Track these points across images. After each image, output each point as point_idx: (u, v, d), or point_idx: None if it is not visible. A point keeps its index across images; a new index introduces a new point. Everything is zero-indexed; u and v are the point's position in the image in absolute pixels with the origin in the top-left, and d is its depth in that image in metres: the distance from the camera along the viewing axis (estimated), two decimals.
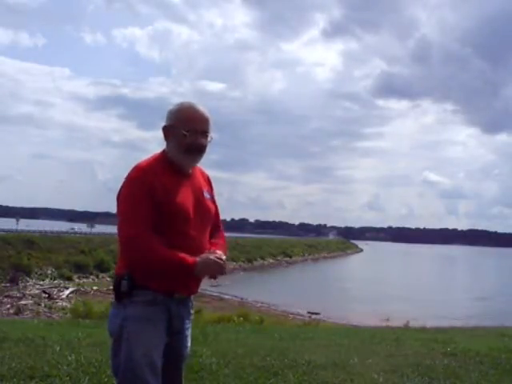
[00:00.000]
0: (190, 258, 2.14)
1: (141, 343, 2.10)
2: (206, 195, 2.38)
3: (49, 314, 17.84)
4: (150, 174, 2.18)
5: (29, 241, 31.21)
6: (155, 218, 2.16)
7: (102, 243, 36.35)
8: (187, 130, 2.24)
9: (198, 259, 2.16)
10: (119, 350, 2.13)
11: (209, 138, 2.32)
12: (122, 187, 2.22)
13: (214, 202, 2.47)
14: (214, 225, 2.48)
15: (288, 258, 58.63)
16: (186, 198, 2.25)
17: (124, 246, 2.17)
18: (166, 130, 2.31)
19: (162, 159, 2.29)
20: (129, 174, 2.21)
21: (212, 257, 2.20)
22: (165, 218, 2.18)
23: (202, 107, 2.31)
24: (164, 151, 2.32)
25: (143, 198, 2.14)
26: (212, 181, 2.54)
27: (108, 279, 28.77)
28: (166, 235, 2.17)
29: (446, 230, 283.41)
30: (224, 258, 2.25)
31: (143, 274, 2.15)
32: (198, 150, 2.28)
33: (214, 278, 2.26)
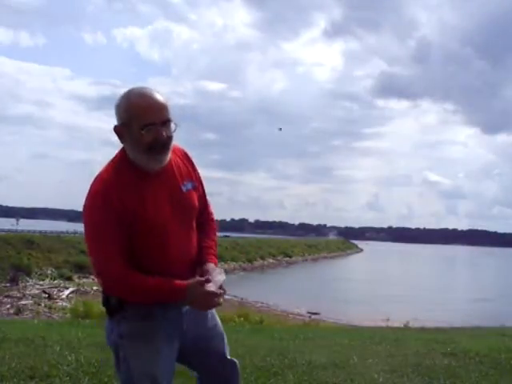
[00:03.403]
0: (178, 284, 1.89)
1: (140, 363, 1.92)
2: (185, 187, 2.03)
3: (49, 314, 17.81)
4: (114, 190, 1.87)
5: (29, 241, 31.17)
6: (127, 243, 1.90)
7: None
8: (143, 127, 1.83)
9: (188, 286, 1.89)
10: (119, 367, 2.00)
11: (172, 126, 1.90)
12: (85, 202, 1.92)
13: (196, 188, 2.10)
14: (202, 212, 2.16)
15: (288, 258, 58.55)
16: (159, 204, 1.94)
17: (107, 289, 1.96)
18: (117, 130, 1.91)
19: (122, 163, 1.93)
20: (90, 188, 1.91)
21: (204, 289, 1.89)
22: (139, 235, 1.92)
23: (154, 92, 1.88)
24: (123, 150, 1.95)
25: (111, 226, 1.85)
26: (192, 159, 2.13)
27: None
28: (144, 253, 1.94)
29: (446, 229, 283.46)
30: (221, 281, 1.96)
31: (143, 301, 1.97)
32: (163, 146, 1.89)
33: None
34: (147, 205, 1.91)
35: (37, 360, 4.31)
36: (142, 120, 1.83)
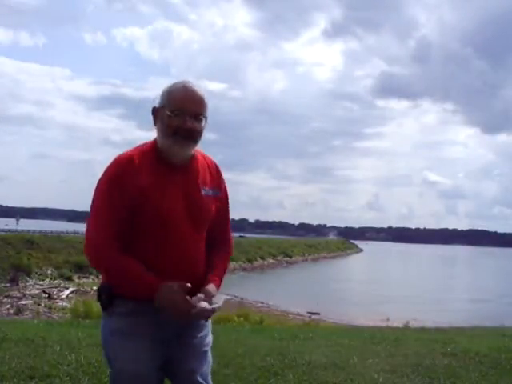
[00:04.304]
0: (154, 280, 1.83)
1: (126, 362, 1.88)
2: (206, 192, 2.00)
3: (49, 314, 17.80)
4: (128, 169, 1.88)
5: (29, 241, 31.17)
6: (126, 227, 1.87)
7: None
8: (173, 111, 1.90)
9: (163, 285, 1.81)
10: (109, 365, 1.98)
11: (203, 123, 1.94)
12: (99, 178, 1.95)
13: (218, 199, 2.06)
14: (220, 231, 2.10)
15: (288, 258, 58.53)
16: (170, 197, 1.91)
17: (89, 259, 1.94)
18: (154, 112, 1.98)
19: (150, 148, 1.97)
20: (107, 166, 1.94)
21: (180, 294, 1.79)
22: (141, 222, 1.89)
23: (197, 87, 1.96)
24: (155, 140, 2.00)
25: (113, 199, 1.86)
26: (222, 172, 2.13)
27: None
28: (141, 243, 1.90)
29: (446, 230, 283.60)
30: (216, 305, 1.85)
31: (117, 283, 1.91)
32: (188, 136, 1.91)
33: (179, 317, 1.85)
34: (158, 191, 1.89)
35: (37, 360, 4.31)
36: (175, 104, 1.91)
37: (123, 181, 1.86)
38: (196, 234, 1.98)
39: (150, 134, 2.02)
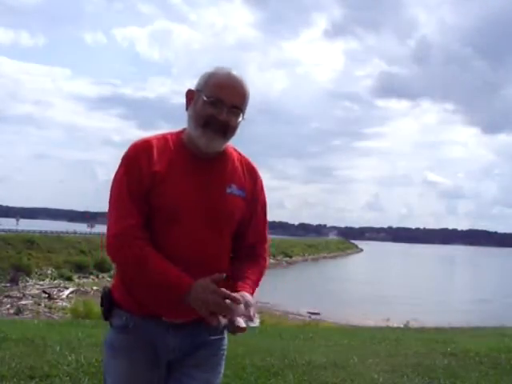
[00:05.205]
0: (186, 278, 1.57)
1: (116, 379, 1.71)
2: (231, 191, 1.74)
3: (49, 314, 17.83)
4: (143, 154, 1.67)
5: (29, 241, 31.19)
6: (147, 209, 1.66)
7: (102, 243, 36.35)
8: (210, 97, 1.67)
9: (195, 285, 1.55)
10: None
11: (239, 118, 1.71)
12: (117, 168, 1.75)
13: (246, 200, 1.77)
14: (251, 239, 1.84)
15: (288, 258, 58.56)
16: (185, 191, 1.68)
17: (108, 246, 1.67)
18: (188, 93, 1.74)
19: (176, 136, 1.76)
20: (125, 152, 1.73)
21: (217, 288, 1.53)
22: (150, 213, 1.66)
23: (242, 79, 1.72)
24: (184, 129, 1.78)
25: (131, 185, 1.65)
26: (259, 176, 1.86)
27: (108, 279, 28.75)
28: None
29: (446, 230, 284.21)
30: (251, 325, 1.54)
31: (126, 287, 1.69)
32: (220, 129, 1.67)
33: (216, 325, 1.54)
34: (171, 182, 1.67)
35: (37, 360, 4.31)
36: (212, 91, 1.68)
37: (139, 165, 1.66)
38: (216, 236, 1.71)
39: (149, 134, 1.90)
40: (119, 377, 1.70)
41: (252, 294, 1.66)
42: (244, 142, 1.78)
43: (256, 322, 1.56)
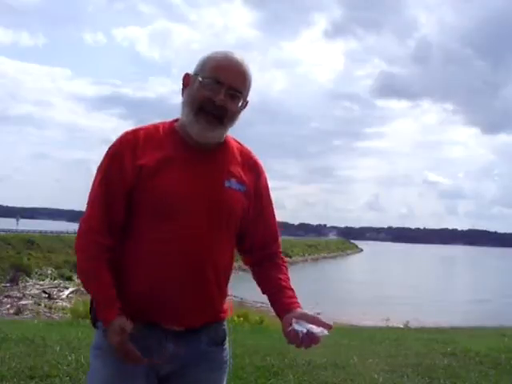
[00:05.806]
0: (110, 309, 1.48)
1: (99, 379, 1.57)
2: (230, 184, 1.58)
3: (49, 314, 17.81)
4: (130, 145, 1.53)
5: (29, 241, 31.19)
6: (124, 211, 1.54)
7: None
8: (206, 78, 1.51)
9: (116, 318, 1.46)
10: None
11: (239, 103, 1.55)
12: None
13: (247, 195, 1.62)
14: (269, 244, 1.72)
15: (288, 258, 57.95)
16: (176, 182, 1.53)
17: (75, 244, 1.60)
18: (185, 77, 1.59)
19: (169, 124, 1.61)
20: (112, 143, 1.60)
21: (121, 338, 1.45)
22: (136, 211, 1.54)
23: (243, 61, 1.55)
24: (176, 119, 1.64)
25: (111, 178, 1.53)
26: (263, 171, 1.73)
27: None
28: (132, 241, 1.55)
29: (446, 230, 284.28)
30: (324, 334, 1.55)
31: (121, 293, 1.56)
32: (215, 114, 1.51)
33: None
34: (162, 173, 1.52)
35: (37, 360, 4.31)
36: (209, 72, 1.52)
37: (123, 157, 1.52)
38: (216, 232, 1.57)
39: None
40: (104, 377, 1.56)
41: (299, 303, 1.66)
42: (244, 142, 1.76)
43: (324, 332, 1.58)
